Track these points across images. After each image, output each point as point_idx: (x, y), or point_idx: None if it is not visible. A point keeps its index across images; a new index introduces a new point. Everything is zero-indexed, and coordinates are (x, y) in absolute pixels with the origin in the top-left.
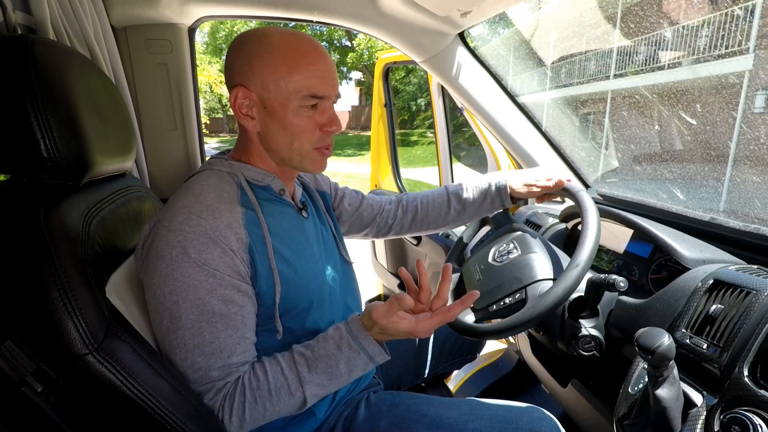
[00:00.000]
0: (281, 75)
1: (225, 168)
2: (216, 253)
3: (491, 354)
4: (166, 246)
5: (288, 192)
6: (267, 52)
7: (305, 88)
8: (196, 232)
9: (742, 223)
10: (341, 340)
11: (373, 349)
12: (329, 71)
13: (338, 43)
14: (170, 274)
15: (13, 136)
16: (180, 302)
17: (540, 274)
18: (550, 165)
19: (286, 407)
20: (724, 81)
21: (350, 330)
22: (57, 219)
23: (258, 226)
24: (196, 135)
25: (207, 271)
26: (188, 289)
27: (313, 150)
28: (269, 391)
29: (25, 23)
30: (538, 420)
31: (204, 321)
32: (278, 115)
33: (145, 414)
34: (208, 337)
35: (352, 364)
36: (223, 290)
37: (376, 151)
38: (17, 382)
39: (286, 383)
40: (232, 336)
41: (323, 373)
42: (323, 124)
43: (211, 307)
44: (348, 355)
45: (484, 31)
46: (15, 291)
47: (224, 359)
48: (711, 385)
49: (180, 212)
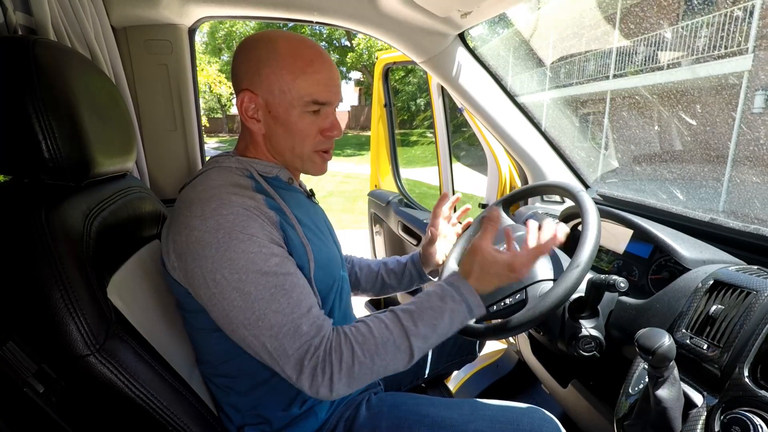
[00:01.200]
0: (286, 81)
1: (233, 164)
2: (257, 226)
3: (491, 354)
4: (209, 233)
5: (296, 182)
6: (274, 59)
7: (308, 95)
8: (234, 212)
9: (741, 224)
10: (444, 293)
11: (473, 300)
12: (332, 79)
13: (338, 43)
14: (223, 255)
15: (14, 137)
16: (244, 278)
17: (540, 274)
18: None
19: (393, 361)
20: (724, 81)
21: (452, 283)
22: (58, 219)
23: (279, 209)
24: (196, 135)
25: (257, 242)
26: (247, 263)
27: (313, 153)
28: (375, 344)
29: (25, 24)
30: (539, 421)
31: (272, 286)
32: (282, 119)
33: (147, 414)
34: (283, 299)
35: (454, 315)
36: (276, 257)
37: (376, 151)
38: (19, 383)
39: (392, 336)
40: (302, 292)
41: (428, 325)
42: (325, 128)
43: (273, 272)
44: (452, 306)
45: (484, 31)
46: (17, 292)
47: (305, 313)
48: (711, 386)
49: (210, 201)
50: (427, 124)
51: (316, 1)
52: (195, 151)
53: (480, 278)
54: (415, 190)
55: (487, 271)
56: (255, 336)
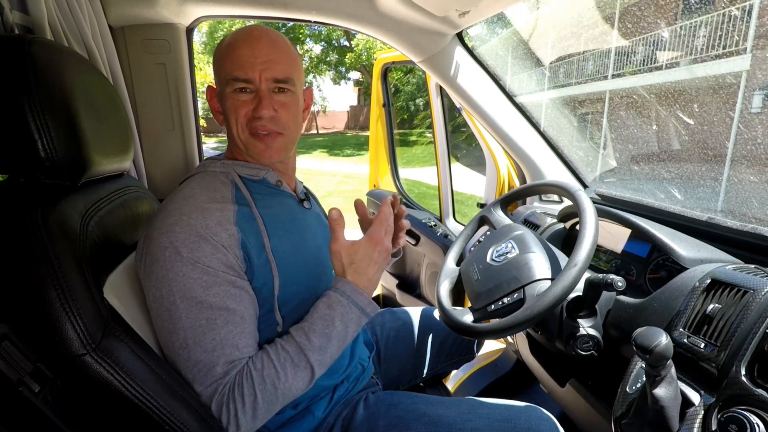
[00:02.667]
0: (219, 65)
1: (218, 168)
2: (208, 250)
3: (490, 354)
4: (159, 248)
5: (287, 184)
6: (218, 48)
7: (228, 73)
8: (186, 231)
9: (739, 223)
10: (330, 300)
11: (360, 299)
12: (256, 55)
13: (336, 43)
14: (165, 275)
15: (10, 137)
16: (177, 302)
17: (538, 273)
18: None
19: (295, 382)
20: (722, 81)
21: (336, 287)
22: (55, 219)
23: (253, 221)
24: (194, 135)
25: (200, 268)
26: (184, 288)
27: (250, 137)
28: (274, 367)
29: (22, 23)
30: (537, 419)
31: (203, 319)
32: (222, 104)
33: (143, 414)
34: (209, 334)
35: (346, 318)
36: (219, 286)
37: (375, 151)
38: (15, 382)
39: (288, 356)
40: (232, 332)
41: (321, 335)
42: (251, 109)
43: (209, 304)
44: (341, 311)
45: (482, 31)
46: (13, 291)
47: (227, 355)
48: (708, 385)
49: (171, 215)
50: (426, 124)
51: (314, 1)
52: (193, 150)
53: (355, 272)
54: (414, 190)
55: (356, 262)
56: (175, 360)
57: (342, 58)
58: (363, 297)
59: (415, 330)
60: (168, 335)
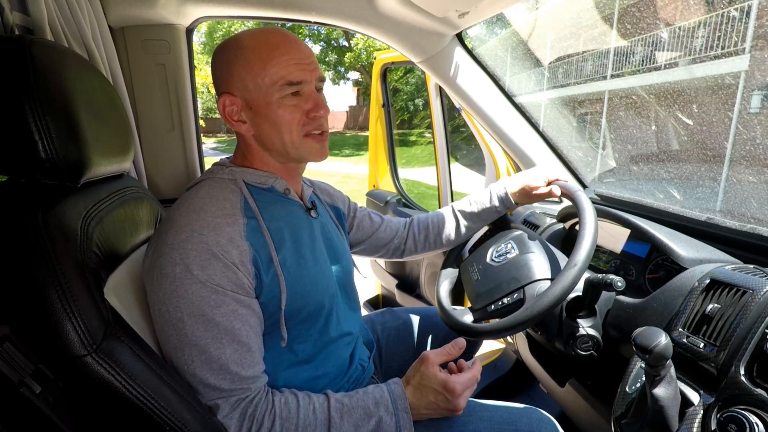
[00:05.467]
0: (257, 72)
1: (227, 175)
2: (219, 269)
3: (489, 354)
4: (170, 263)
5: (295, 192)
6: (241, 54)
7: (281, 78)
8: (198, 249)
9: (738, 223)
10: (380, 399)
11: (405, 419)
12: (303, 57)
13: (336, 43)
14: (174, 291)
15: (10, 137)
16: (185, 319)
17: (538, 274)
18: (546, 165)
19: None
20: (721, 81)
21: (391, 391)
22: (55, 220)
23: (261, 234)
24: (194, 135)
25: (210, 287)
26: (192, 305)
27: (305, 138)
28: (297, 425)
29: (22, 24)
30: (537, 421)
31: (209, 337)
32: (264, 112)
33: (144, 415)
34: (215, 353)
35: (381, 425)
36: (227, 306)
37: (374, 152)
38: (16, 383)
39: (315, 423)
40: (238, 351)
41: (353, 424)
42: (309, 109)
43: (216, 323)
44: (383, 416)
45: (481, 31)
46: (13, 292)
47: (232, 374)
48: (708, 384)
49: (183, 230)
50: (426, 124)
51: (314, 1)
52: (193, 151)
53: (417, 388)
54: (414, 190)
55: (425, 385)
56: (181, 372)
57: (341, 58)
58: (408, 419)
59: (416, 330)
60: (173, 350)
